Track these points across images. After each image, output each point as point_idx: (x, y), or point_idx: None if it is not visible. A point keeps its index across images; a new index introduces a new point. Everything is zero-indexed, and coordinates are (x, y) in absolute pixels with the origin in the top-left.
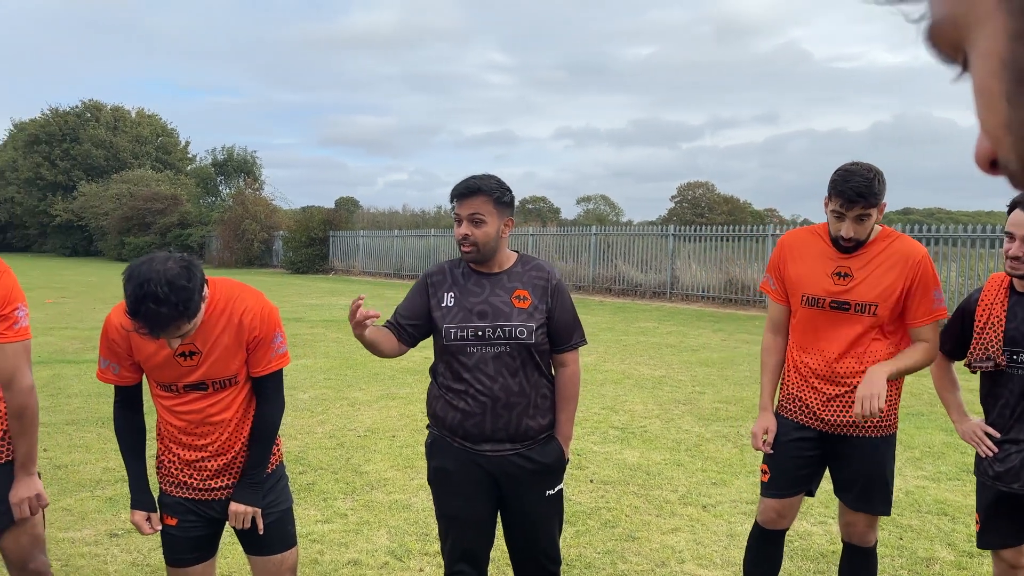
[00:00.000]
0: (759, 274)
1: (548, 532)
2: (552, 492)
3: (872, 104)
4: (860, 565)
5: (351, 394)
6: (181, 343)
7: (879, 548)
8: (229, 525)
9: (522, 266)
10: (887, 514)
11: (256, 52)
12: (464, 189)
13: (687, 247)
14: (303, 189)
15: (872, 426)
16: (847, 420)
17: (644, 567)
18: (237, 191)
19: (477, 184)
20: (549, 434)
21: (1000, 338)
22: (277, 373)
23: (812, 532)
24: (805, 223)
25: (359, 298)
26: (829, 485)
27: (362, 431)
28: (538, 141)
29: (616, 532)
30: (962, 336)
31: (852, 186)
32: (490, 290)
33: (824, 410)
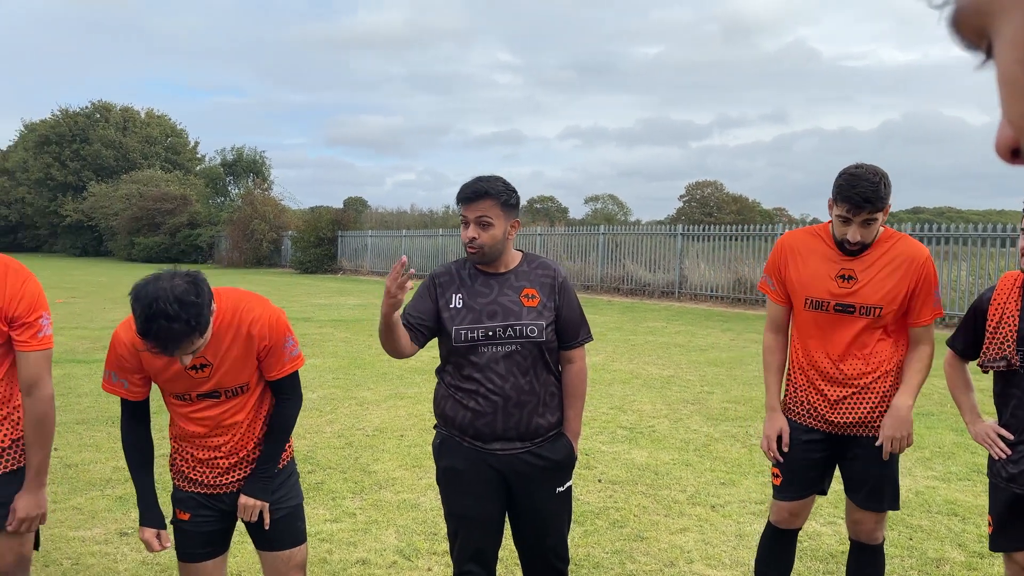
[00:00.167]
0: None
1: (558, 529)
2: (562, 489)
3: (881, 103)
4: (867, 563)
5: (359, 394)
6: (192, 358)
7: (889, 548)
8: (239, 519)
9: (528, 265)
10: (896, 508)
11: (260, 52)
12: (471, 193)
13: (695, 246)
14: (311, 189)
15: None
16: (855, 420)
17: (653, 567)
18: (246, 191)
19: (484, 187)
20: (558, 431)
21: (1013, 337)
22: (293, 374)
23: (822, 532)
24: (815, 222)
25: (403, 258)
26: (839, 485)
27: (370, 430)
28: (546, 141)
29: (624, 532)
30: (975, 336)
31: (859, 191)
32: (499, 290)
33: (831, 412)
